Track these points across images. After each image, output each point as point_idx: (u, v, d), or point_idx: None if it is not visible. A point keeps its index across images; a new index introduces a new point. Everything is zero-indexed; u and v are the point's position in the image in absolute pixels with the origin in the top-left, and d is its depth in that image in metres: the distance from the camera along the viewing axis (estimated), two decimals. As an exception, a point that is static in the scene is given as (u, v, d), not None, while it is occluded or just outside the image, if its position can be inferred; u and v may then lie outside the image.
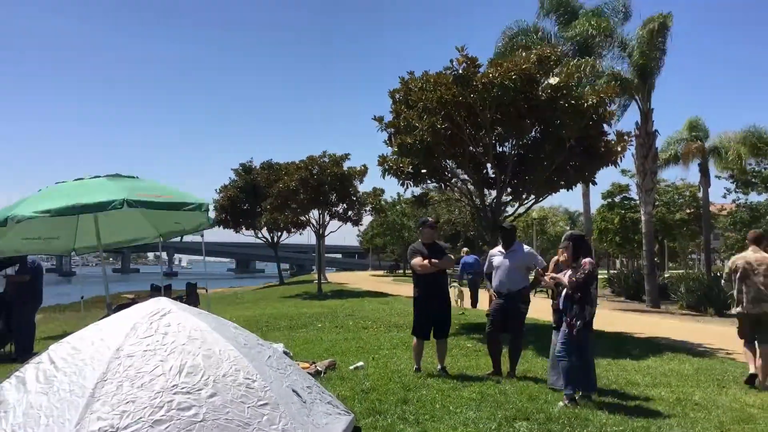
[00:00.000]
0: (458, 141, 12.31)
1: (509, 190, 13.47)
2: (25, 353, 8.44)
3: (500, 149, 13.14)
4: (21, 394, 3.53)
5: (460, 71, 11.56)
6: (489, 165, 13.24)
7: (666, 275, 30.96)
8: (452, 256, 8.12)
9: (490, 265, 7.84)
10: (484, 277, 8.24)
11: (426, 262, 7.36)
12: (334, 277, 52.24)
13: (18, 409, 3.44)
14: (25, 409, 3.43)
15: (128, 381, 3.46)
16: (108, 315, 4.72)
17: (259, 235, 38.73)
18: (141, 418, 3.31)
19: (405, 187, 13.55)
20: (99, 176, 6.92)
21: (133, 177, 7.26)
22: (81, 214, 6.39)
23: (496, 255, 7.84)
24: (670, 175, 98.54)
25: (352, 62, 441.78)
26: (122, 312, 4.19)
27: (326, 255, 62.38)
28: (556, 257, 7.11)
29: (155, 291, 15.92)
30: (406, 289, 23.98)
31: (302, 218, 30.14)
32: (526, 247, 7.88)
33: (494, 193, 13.44)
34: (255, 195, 34.41)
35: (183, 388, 3.50)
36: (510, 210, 15.37)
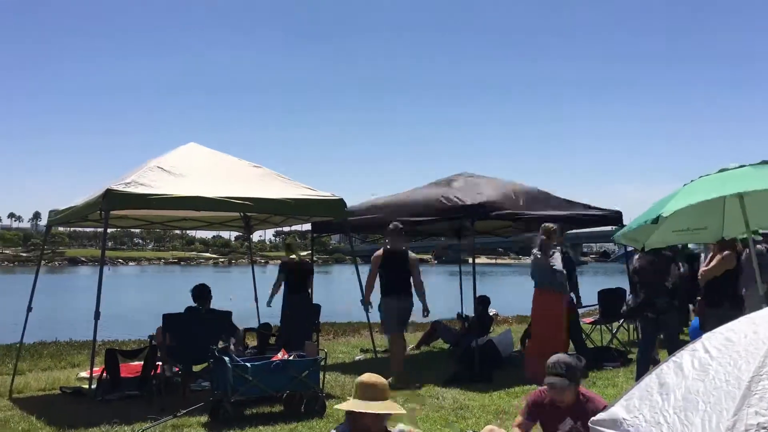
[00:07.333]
0: None
1: None
2: None
3: None
4: (679, 379, 3.78)
5: None
6: None
7: None
8: None
9: None
10: None
11: None
12: None
13: (677, 392, 3.70)
14: (683, 393, 3.66)
15: (785, 381, 3.31)
16: (763, 306, 4.61)
17: None
18: (803, 424, 3.13)
19: None
20: (744, 165, 6.78)
21: (780, 161, 6.86)
22: (725, 197, 6.37)
23: None
24: None
25: None
26: (777, 304, 4.03)
27: None
28: None
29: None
30: None
31: None
32: None
33: None
34: None
35: None
36: None
